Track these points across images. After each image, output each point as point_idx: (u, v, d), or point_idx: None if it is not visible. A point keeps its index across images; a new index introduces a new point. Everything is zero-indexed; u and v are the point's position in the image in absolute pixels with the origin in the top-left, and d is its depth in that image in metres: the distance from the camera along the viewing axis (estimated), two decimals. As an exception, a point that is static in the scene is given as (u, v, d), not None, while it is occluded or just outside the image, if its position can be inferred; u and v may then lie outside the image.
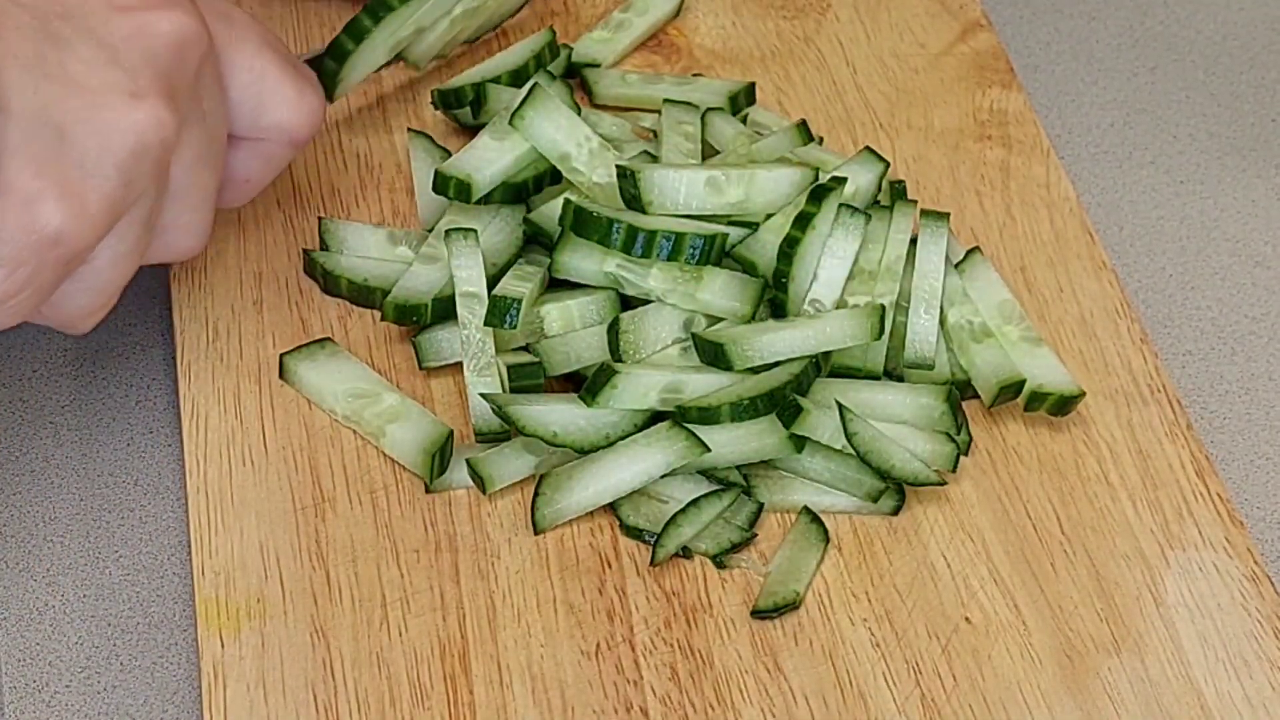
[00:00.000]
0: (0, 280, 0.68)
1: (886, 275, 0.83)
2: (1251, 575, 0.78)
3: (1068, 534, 0.79)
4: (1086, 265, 0.90)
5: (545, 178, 0.86)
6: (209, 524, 0.77)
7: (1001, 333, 0.84)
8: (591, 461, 0.78)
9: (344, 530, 0.78)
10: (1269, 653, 0.76)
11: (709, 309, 0.81)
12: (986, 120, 0.96)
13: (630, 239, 0.80)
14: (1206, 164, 1.00)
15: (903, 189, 0.89)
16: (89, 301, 0.74)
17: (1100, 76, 1.04)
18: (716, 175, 0.83)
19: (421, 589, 0.76)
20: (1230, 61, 1.05)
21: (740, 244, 0.83)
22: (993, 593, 0.77)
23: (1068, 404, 0.82)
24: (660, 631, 0.75)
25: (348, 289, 0.85)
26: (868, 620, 0.76)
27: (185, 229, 0.76)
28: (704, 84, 0.95)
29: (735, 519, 0.79)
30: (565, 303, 0.82)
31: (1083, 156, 1.00)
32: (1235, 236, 0.96)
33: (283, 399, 0.82)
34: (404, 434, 0.80)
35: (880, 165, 0.87)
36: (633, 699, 0.73)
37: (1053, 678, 0.75)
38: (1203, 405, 0.89)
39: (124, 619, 0.78)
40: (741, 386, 0.79)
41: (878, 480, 0.79)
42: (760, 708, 0.73)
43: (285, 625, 0.75)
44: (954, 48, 1.00)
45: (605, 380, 0.78)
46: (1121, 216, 0.97)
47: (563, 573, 0.77)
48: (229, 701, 0.72)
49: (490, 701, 0.73)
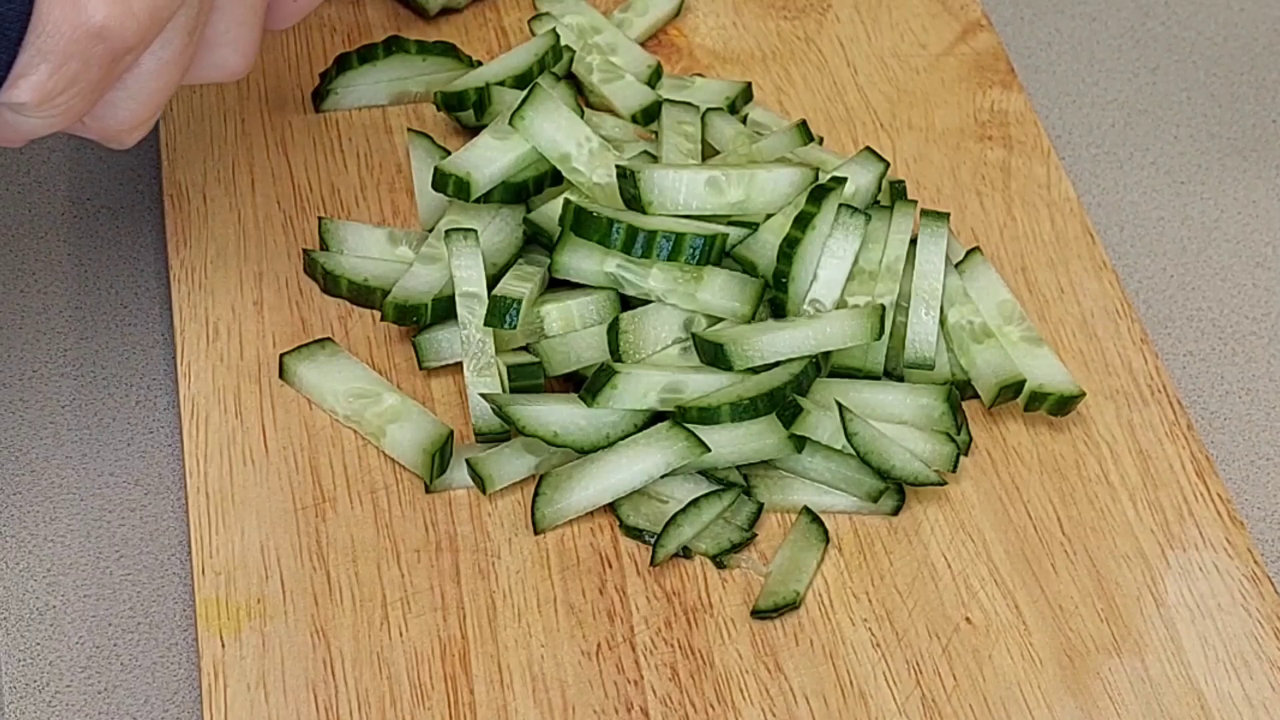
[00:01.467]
0: (45, 76, 0.66)
1: (886, 275, 0.83)
2: (1251, 575, 0.78)
3: (1068, 534, 0.79)
4: (1087, 265, 0.90)
5: (546, 178, 0.86)
6: (209, 524, 0.77)
7: (1002, 333, 0.84)
8: (591, 461, 0.78)
9: (344, 530, 0.78)
10: (1269, 653, 0.76)
11: (709, 309, 0.81)
12: (987, 120, 0.96)
13: (630, 239, 0.80)
14: (1206, 164, 1.00)
15: (903, 189, 0.89)
16: (134, 112, 0.72)
17: (1100, 76, 1.04)
18: (716, 175, 0.83)
19: (422, 589, 0.76)
20: (1230, 61, 1.05)
21: (740, 244, 0.83)
22: (993, 593, 0.77)
23: (1068, 404, 0.82)
24: (660, 631, 0.75)
25: (348, 289, 0.85)
26: (868, 620, 0.76)
27: (232, 45, 0.74)
28: (702, 85, 0.95)
29: (735, 519, 0.79)
30: (565, 303, 0.82)
31: (1083, 156, 1.00)
32: (1235, 236, 0.96)
33: (283, 399, 0.82)
34: (404, 434, 0.80)
35: (880, 165, 0.87)
36: (633, 699, 0.73)
37: (1053, 678, 0.75)
38: (1203, 405, 0.89)
39: (124, 619, 0.78)
40: (741, 386, 0.79)
41: (878, 480, 0.79)
42: (760, 708, 0.73)
43: (285, 625, 0.75)
44: (954, 48, 1.00)
45: (605, 380, 0.78)
46: (1121, 216, 0.97)
47: (563, 573, 0.77)
48: (229, 701, 0.72)
49: (490, 701, 0.73)
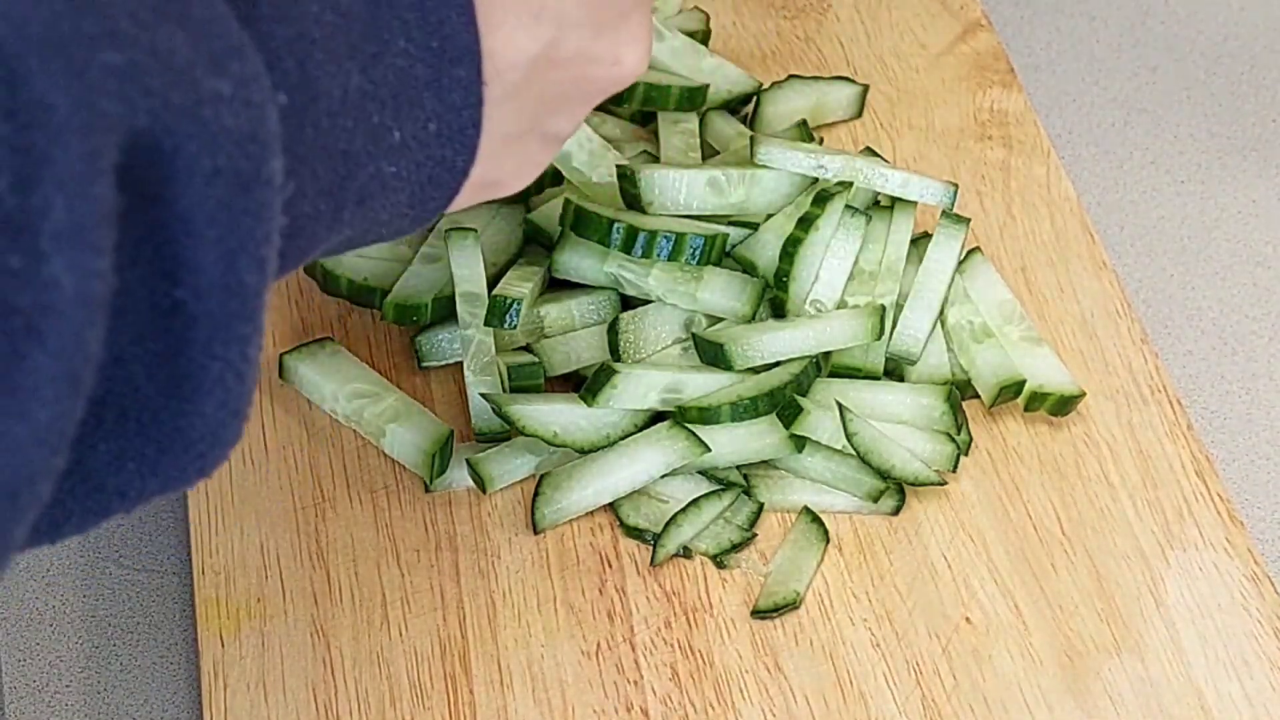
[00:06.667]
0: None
1: (887, 275, 0.83)
2: (1251, 575, 0.78)
3: (1068, 534, 0.79)
4: (1087, 265, 0.90)
5: (546, 178, 0.86)
6: (209, 524, 0.77)
7: (1002, 333, 0.84)
8: (591, 461, 0.78)
9: (344, 530, 0.78)
10: (1269, 653, 0.76)
11: (709, 309, 0.81)
12: (987, 120, 0.96)
13: (630, 239, 0.80)
14: (1206, 164, 1.00)
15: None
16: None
17: (1100, 76, 1.04)
18: (717, 175, 0.83)
19: (422, 589, 0.76)
20: (1230, 61, 1.05)
21: (740, 244, 0.83)
22: (993, 593, 0.77)
23: (1068, 404, 0.82)
24: (660, 631, 0.75)
25: (348, 288, 0.85)
26: (868, 620, 0.76)
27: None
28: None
29: (735, 519, 0.79)
30: (565, 303, 0.82)
31: (1083, 156, 1.00)
32: (1235, 236, 0.96)
33: (283, 399, 0.82)
34: (404, 434, 0.80)
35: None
36: (633, 699, 0.73)
37: (1053, 678, 0.75)
38: (1203, 405, 0.89)
39: (123, 619, 0.78)
40: (741, 386, 0.79)
41: (878, 480, 0.79)
42: (760, 708, 0.73)
43: (285, 625, 0.75)
44: (954, 48, 1.00)
45: (605, 380, 0.78)
46: (1121, 216, 0.97)
47: (563, 573, 0.77)
48: (229, 701, 0.72)
49: (490, 701, 0.73)
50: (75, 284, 0.40)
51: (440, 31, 0.51)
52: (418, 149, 0.53)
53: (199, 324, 0.45)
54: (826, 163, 0.83)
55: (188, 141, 0.43)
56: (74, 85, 0.40)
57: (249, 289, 0.45)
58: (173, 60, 0.42)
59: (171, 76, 0.42)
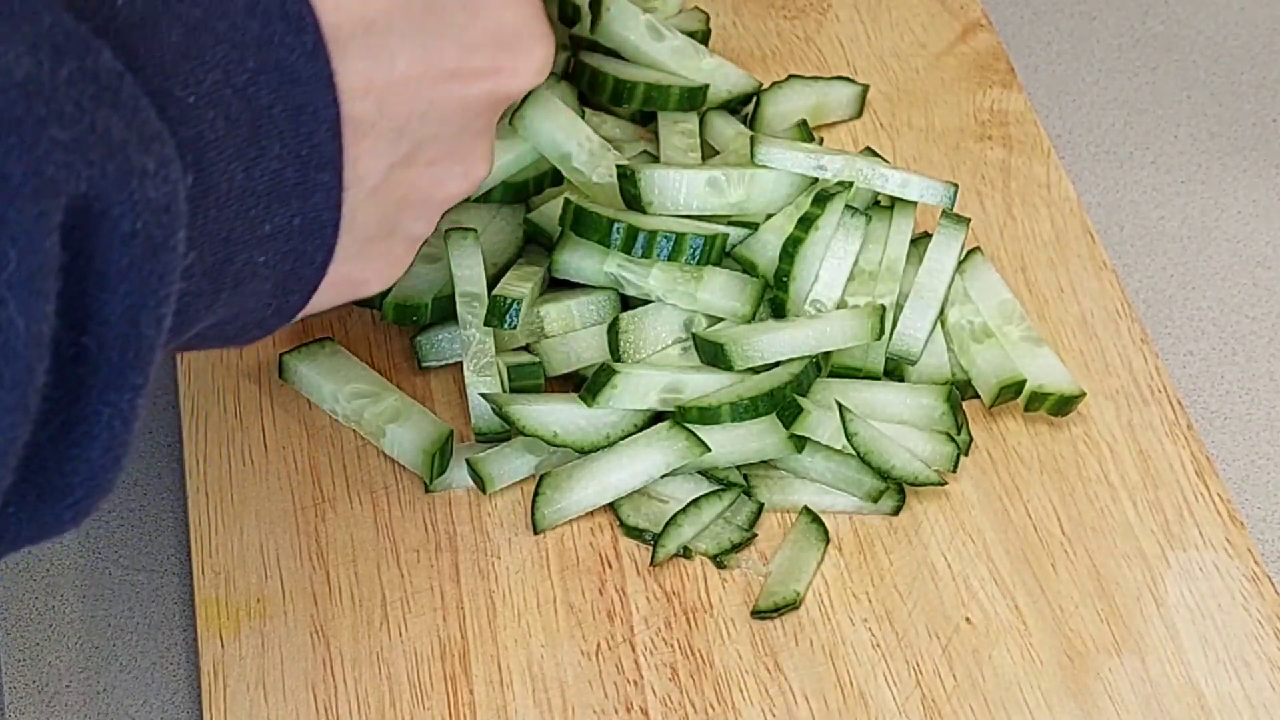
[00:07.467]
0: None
1: (887, 276, 0.83)
2: (1251, 575, 0.78)
3: (1068, 534, 0.79)
4: (1087, 265, 0.90)
5: (546, 178, 0.86)
6: (209, 524, 0.77)
7: (1002, 333, 0.84)
8: (591, 461, 0.78)
9: (344, 530, 0.78)
10: (1269, 653, 0.76)
11: (709, 309, 0.81)
12: (987, 120, 0.96)
13: (630, 239, 0.80)
14: (1206, 164, 1.00)
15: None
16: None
17: (1100, 76, 1.04)
18: (717, 175, 0.83)
19: (421, 589, 0.76)
20: (1230, 61, 1.05)
21: (740, 244, 0.83)
22: (993, 593, 0.77)
23: (1068, 404, 0.82)
24: (660, 631, 0.75)
25: (348, 289, 0.85)
26: (868, 620, 0.76)
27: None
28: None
29: (735, 519, 0.79)
30: (565, 303, 0.82)
31: (1083, 156, 1.00)
32: (1235, 236, 0.96)
33: (283, 399, 0.82)
34: (404, 434, 0.79)
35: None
36: (633, 699, 0.73)
37: (1053, 678, 0.75)
38: (1203, 405, 0.89)
39: (123, 619, 0.78)
40: (741, 386, 0.79)
41: (878, 480, 0.79)
42: (760, 708, 0.73)
43: (285, 625, 0.75)
44: (954, 48, 1.00)
45: (605, 380, 0.78)
46: (1121, 216, 0.97)
47: (563, 573, 0.77)
48: (229, 701, 0.72)
49: (490, 701, 0.73)
50: (26, 325, 0.45)
51: (310, 141, 0.57)
52: (283, 241, 0.58)
53: (99, 370, 0.49)
54: (826, 163, 0.83)
55: (114, 206, 0.48)
56: (25, 157, 0.45)
57: (146, 341, 0.49)
58: (109, 137, 0.48)
59: (108, 150, 0.48)
